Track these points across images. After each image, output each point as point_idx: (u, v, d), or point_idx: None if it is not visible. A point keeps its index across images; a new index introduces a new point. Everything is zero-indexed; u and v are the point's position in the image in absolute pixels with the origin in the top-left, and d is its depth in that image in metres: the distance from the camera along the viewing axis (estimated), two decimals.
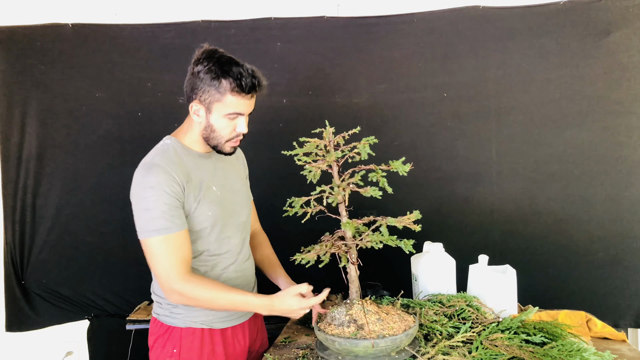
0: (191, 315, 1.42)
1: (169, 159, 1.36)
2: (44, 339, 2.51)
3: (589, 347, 1.22)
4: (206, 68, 1.33)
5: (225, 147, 1.43)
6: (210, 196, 1.41)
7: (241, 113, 1.38)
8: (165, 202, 1.30)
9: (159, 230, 1.29)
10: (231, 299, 1.34)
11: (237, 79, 1.31)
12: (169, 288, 1.32)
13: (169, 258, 1.30)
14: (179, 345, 1.42)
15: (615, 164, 2.24)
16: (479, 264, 1.70)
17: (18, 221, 2.39)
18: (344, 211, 1.34)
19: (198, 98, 1.36)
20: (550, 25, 2.26)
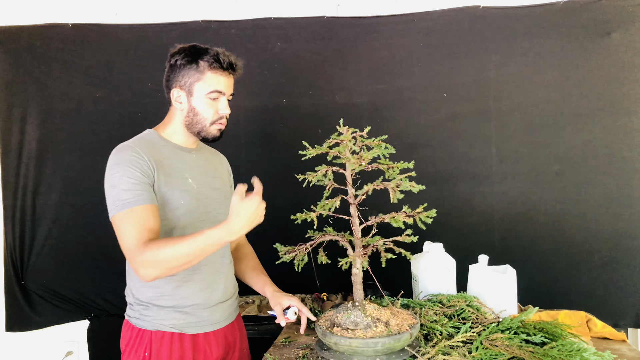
0: (160, 318, 1.39)
1: (140, 142, 1.39)
2: (44, 339, 2.51)
3: (589, 347, 1.22)
4: (182, 54, 1.39)
5: (211, 130, 1.43)
6: (184, 185, 1.40)
7: (221, 91, 1.41)
8: (129, 176, 1.29)
9: (123, 205, 1.27)
10: (192, 242, 1.23)
11: (214, 57, 1.37)
12: (134, 262, 1.24)
13: (132, 230, 1.25)
14: (150, 348, 1.38)
15: (615, 164, 2.24)
16: (479, 264, 1.70)
17: (18, 221, 2.39)
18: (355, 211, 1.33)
19: (178, 85, 1.40)
20: (550, 25, 2.26)
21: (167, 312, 1.40)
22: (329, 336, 1.25)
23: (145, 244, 1.24)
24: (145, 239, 1.25)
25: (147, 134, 1.45)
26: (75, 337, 2.51)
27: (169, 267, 1.24)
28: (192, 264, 1.27)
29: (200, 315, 1.43)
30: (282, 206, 2.40)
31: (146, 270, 1.24)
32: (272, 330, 1.80)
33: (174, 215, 1.37)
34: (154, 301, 1.41)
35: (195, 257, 1.25)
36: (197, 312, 1.43)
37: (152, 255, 1.23)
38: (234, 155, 2.40)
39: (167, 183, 1.36)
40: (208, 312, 1.45)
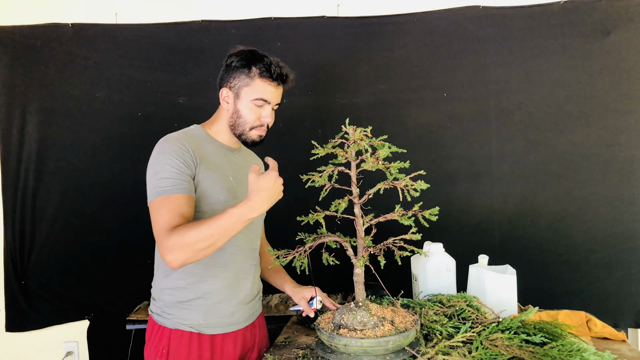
0: (180, 317, 1.41)
1: (187, 135, 1.42)
2: (44, 339, 2.51)
3: (589, 347, 1.22)
4: (239, 57, 1.44)
5: (251, 134, 1.47)
6: (225, 182, 1.43)
7: (267, 100, 1.44)
8: (172, 165, 1.32)
9: (161, 191, 1.29)
10: (216, 222, 1.23)
11: (266, 65, 1.42)
12: (162, 247, 1.24)
13: (164, 216, 1.26)
14: (168, 346, 1.40)
15: (615, 164, 2.24)
16: (479, 264, 1.70)
17: (18, 221, 2.39)
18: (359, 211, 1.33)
19: (228, 85, 1.45)
20: (551, 25, 2.26)
21: (188, 312, 1.41)
22: (338, 338, 1.23)
23: (173, 229, 1.24)
24: (175, 224, 1.25)
25: (193, 128, 1.48)
26: (75, 337, 2.51)
27: (195, 249, 1.23)
28: (218, 245, 1.26)
29: (221, 316, 1.44)
30: (282, 206, 2.41)
31: (173, 255, 1.23)
32: (272, 330, 1.80)
33: (212, 209, 1.38)
34: (177, 293, 1.42)
35: (220, 237, 1.24)
36: (218, 312, 1.43)
37: (177, 238, 1.22)
38: None
39: (209, 177, 1.38)
40: (229, 312, 1.45)
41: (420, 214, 1.29)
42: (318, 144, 1.34)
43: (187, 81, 2.40)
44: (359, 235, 1.34)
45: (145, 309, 2.27)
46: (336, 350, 1.27)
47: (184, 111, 2.40)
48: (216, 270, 1.43)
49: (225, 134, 1.50)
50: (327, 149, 1.32)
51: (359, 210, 1.33)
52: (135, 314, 2.22)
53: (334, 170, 1.31)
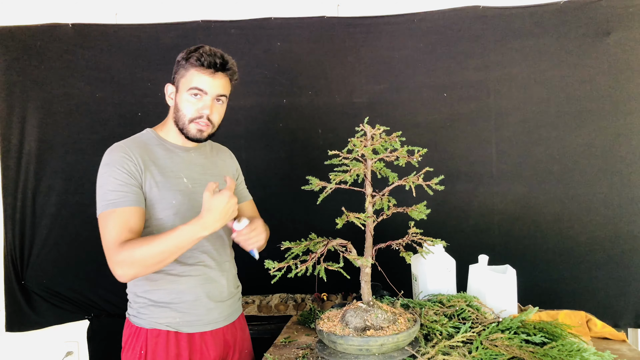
0: (156, 317, 1.40)
1: (132, 142, 1.41)
2: (44, 339, 2.51)
3: (589, 347, 1.22)
4: (184, 53, 1.42)
5: (190, 128, 1.41)
6: (177, 185, 1.40)
7: (202, 89, 1.39)
8: (116, 177, 1.31)
9: (107, 205, 1.30)
10: (167, 239, 1.25)
11: (198, 54, 1.38)
12: (111, 262, 1.26)
13: (112, 230, 1.27)
14: (146, 346, 1.39)
15: (615, 164, 2.24)
16: (479, 264, 1.70)
17: (18, 221, 2.39)
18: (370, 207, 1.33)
19: (172, 81, 1.45)
20: (550, 25, 2.26)
21: (163, 311, 1.40)
22: (374, 340, 1.21)
23: (122, 244, 1.26)
24: (123, 239, 1.27)
25: (144, 133, 1.47)
26: (75, 337, 2.51)
27: (144, 265, 1.26)
28: (168, 261, 1.28)
29: (197, 314, 1.42)
30: (282, 206, 2.42)
31: (122, 270, 1.25)
32: (272, 330, 1.80)
33: (166, 214, 1.37)
34: (151, 295, 1.41)
35: (171, 253, 1.26)
36: (193, 310, 1.42)
37: (127, 254, 1.24)
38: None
39: (158, 183, 1.37)
40: (205, 310, 1.44)
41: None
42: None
43: None
44: (368, 234, 1.33)
45: None
46: (369, 353, 1.23)
47: None
48: (188, 269, 1.41)
49: (176, 134, 1.46)
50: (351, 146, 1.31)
51: (371, 208, 1.33)
52: None
53: (359, 169, 1.31)
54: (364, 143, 1.32)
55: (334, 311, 1.42)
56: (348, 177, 1.30)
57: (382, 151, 1.32)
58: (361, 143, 1.32)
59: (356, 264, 1.31)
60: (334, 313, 1.40)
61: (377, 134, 1.33)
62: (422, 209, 1.31)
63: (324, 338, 1.28)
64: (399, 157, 1.32)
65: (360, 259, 1.31)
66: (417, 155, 1.32)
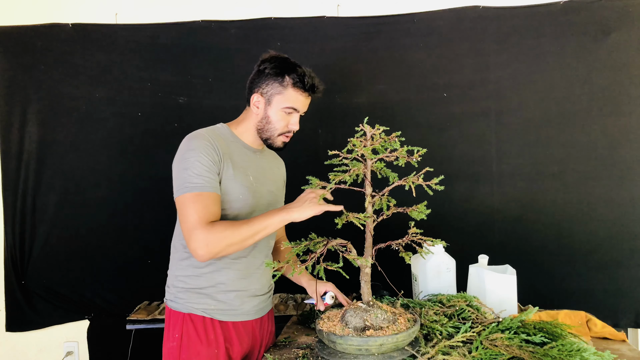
0: (193, 302, 1.43)
1: (213, 133, 1.46)
2: (44, 339, 2.51)
3: (589, 347, 1.22)
4: (272, 65, 1.46)
5: (277, 140, 1.51)
6: (245, 181, 1.46)
7: (297, 109, 1.49)
8: (202, 162, 1.36)
9: (192, 187, 1.34)
10: (252, 220, 1.34)
11: (300, 76, 1.45)
12: (195, 241, 1.31)
13: (199, 212, 1.32)
14: (181, 330, 1.43)
15: (615, 164, 2.24)
16: (479, 264, 1.70)
17: (18, 221, 2.39)
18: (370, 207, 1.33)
19: (260, 91, 1.48)
20: (550, 25, 2.26)
21: (200, 297, 1.44)
22: (373, 340, 1.21)
23: (210, 224, 1.32)
24: (209, 220, 1.33)
25: (219, 127, 1.52)
26: (75, 337, 2.51)
27: (227, 246, 1.32)
28: (250, 242, 1.35)
29: (232, 304, 1.46)
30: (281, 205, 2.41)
31: (207, 248, 1.31)
32: None
33: (231, 206, 1.43)
34: (192, 281, 1.45)
35: (255, 233, 1.34)
36: (230, 300, 1.46)
37: (215, 233, 1.31)
38: None
39: (231, 175, 1.42)
40: (240, 302, 1.47)
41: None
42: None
43: (187, 81, 2.40)
44: (368, 234, 1.33)
45: (145, 309, 2.27)
46: (368, 353, 1.23)
47: (184, 111, 2.40)
48: (230, 262, 1.46)
49: (250, 136, 1.53)
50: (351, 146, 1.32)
51: (370, 208, 1.33)
52: (135, 314, 2.22)
53: (359, 169, 1.31)
54: (363, 143, 1.32)
55: (334, 311, 1.43)
56: (347, 177, 1.31)
57: (382, 151, 1.32)
58: (361, 143, 1.32)
59: (356, 264, 1.31)
60: (334, 313, 1.40)
61: (377, 134, 1.33)
62: (422, 209, 1.32)
63: (324, 338, 1.28)
64: (398, 157, 1.32)
65: (360, 259, 1.31)
66: (416, 155, 1.33)
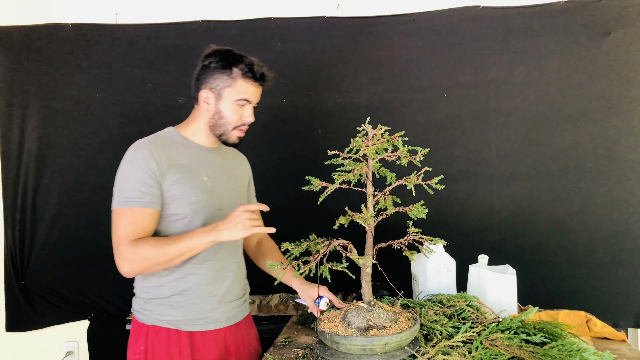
0: (158, 314, 1.41)
1: (156, 141, 1.43)
2: (44, 339, 2.51)
3: (589, 347, 1.22)
4: (218, 58, 1.43)
5: (232, 135, 1.48)
6: (198, 183, 1.43)
7: (249, 100, 1.46)
8: (137, 176, 1.34)
9: (124, 202, 1.33)
10: (178, 240, 1.31)
11: (248, 66, 1.42)
12: (119, 257, 1.31)
13: (126, 227, 1.31)
14: (146, 342, 1.40)
15: (615, 164, 2.24)
16: (479, 264, 1.70)
17: (18, 221, 2.39)
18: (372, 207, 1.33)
19: (208, 86, 1.44)
20: (550, 25, 2.26)
21: (165, 308, 1.41)
22: (378, 339, 1.21)
23: (134, 241, 1.30)
24: (135, 237, 1.31)
25: (168, 131, 1.50)
26: (75, 337, 2.51)
27: (154, 263, 1.31)
28: (177, 262, 1.34)
29: (199, 312, 1.43)
30: (282, 206, 2.41)
31: (130, 267, 1.31)
32: (272, 330, 1.80)
33: (186, 210, 1.40)
34: (156, 290, 1.42)
35: (181, 254, 1.32)
36: (197, 309, 1.43)
37: (138, 252, 1.30)
38: None
39: (178, 180, 1.39)
40: (208, 309, 1.44)
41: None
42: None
43: (187, 81, 2.37)
44: (369, 234, 1.33)
45: None
46: (372, 352, 1.23)
47: (184, 111, 2.38)
48: (194, 267, 1.43)
49: (202, 135, 1.50)
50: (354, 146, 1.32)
51: (372, 207, 1.33)
52: None
53: (360, 169, 1.31)
54: (366, 143, 1.32)
55: (333, 312, 1.42)
56: (352, 176, 1.31)
57: (382, 152, 1.32)
58: (364, 143, 1.32)
59: (358, 263, 1.32)
60: (334, 314, 1.40)
61: (379, 134, 1.33)
62: (419, 208, 1.31)
63: (326, 339, 1.28)
64: (400, 157, 1.33)
65: (362, 258, 1.31)
66: (419, 155, 1.33)
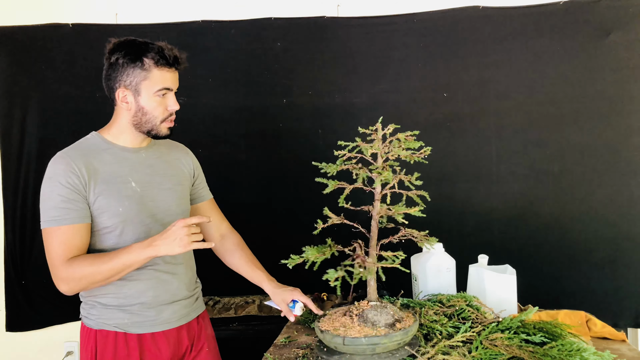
0: (105, 317, 1.38)
1: (76, 152, 1.37)
2: (44, 339, 2.51)
3: (589, 347, 1.22)
4: (124, 52, 1.33)
5: (161, 128, 1.40)
6: (126, 191, 1.36)
7: (169, 88, 1.38)
8: (59, 193, 1.30)
9: (50, 221, 1.29)
10: (116, 257, 1.27)
11: (159, 53, 1.33)
12: (56, 277, 1.29)
13: (56, 248, 1.28)
14: (94, 347, 1.38)
15: (615, 164, 2.24)
16: (479, 264, 1.70)
17: (18, 221, 2.39)
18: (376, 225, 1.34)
19: (122, 84, 1.36)
20: (551, 25, 2.26)
21: (111, 312, 1.38)
22: (391, 336, 1.21)
23: (68, 261, 1.28)
24: (68, 256, 1.28)
25: (89, 138, 1.44)
26: (75, 337, 2.51)
27: (92, 281, 1.29)
28: (116, 278, 1.31)
29: (146, 315, 1.40)
30: (282, 206, 2.42)
31: (68, 286, 1.29)
32: (272, 330, 1.80)
33: (113, 222, 1.35)
34: (99, 299, 1.40)
35: (118, 271, 1.29)
36: (142, 312, 1.39)
37: (73, 271, 1.27)
38: (233, 156, 2.41)
39: (103, 192, 1.34)
40: (155, 311, 1.41)
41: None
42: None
43: (187, 81, 2.39)
44: (373, 234, 1.33)
45: None
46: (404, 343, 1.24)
47: (184, 111, 2.39)
48: (136, 273, 1.38)
49: (128, 136, 1.42)
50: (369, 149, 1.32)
51: (378, 207, 1.33)
52: None
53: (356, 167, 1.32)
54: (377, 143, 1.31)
55: (333, 314, 1.40)
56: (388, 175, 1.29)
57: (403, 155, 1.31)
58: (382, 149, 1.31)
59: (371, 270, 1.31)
60: (335, 316, 1.37)
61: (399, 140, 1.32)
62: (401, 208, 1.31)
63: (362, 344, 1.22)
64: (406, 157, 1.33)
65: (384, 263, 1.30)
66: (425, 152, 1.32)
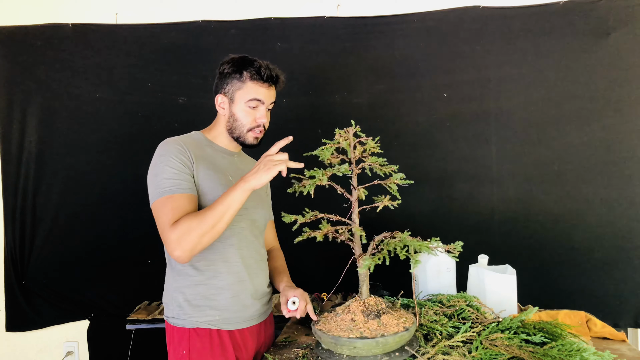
0: (197, 316, 1.42)
1: (185, 138, 1.48)
2: (44, 339, 2.51)
3: (589, 347, 1.22)
4: (230, 64, 1.49)
5: (248, 136, 1.52)
6: (225, 181, 1.46)
7: (260, 100, 1.49)
8: (170, 166, 1.37)
9: (163, 192, 1.34)
10: (214, 203, 1.32)
11: (256, 68, 1.47)
12: (168, 244, 1.30)
13: (167, 214, 1.31)
14: (188, 346, 1.41)
15: (615, 164, 2.24)
16: (479, 264, 1.70)
17: (18, 221, 2.39)
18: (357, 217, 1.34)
19: (222, 92, 1.50)
20: (550, 25, 2.26)
21: (202, 309, 1.43)
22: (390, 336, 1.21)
23: (176, 222, 1.30)
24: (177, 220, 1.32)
25: (192, 134, 1.54)
26: (75, 337, 2.51)
27: (200, 233, 1.29)
28: (221, 226, 1.32)
29: (235, 311, 1.45)
30: (282, 206, 2.41)
31: (180, 247, 1.29)
32: None
33: None
34: (190, 291, 1.43)
35: (222, 214, 1.30)
36: (232, 307, 1.45)
37: (181, 228, 1.28)
38: None
39: (208, 176, 1.42)
40: (242, 307, 1.47)
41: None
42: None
43: (187, 81, 2.40)
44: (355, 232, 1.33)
45: (145, 309, 2.27)
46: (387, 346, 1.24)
47: (184, 111, 2.40)
48: (227, 266, 1.45)
49: (224, 139, 1.55)
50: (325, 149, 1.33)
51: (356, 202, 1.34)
52: (135, 314, 2.22)
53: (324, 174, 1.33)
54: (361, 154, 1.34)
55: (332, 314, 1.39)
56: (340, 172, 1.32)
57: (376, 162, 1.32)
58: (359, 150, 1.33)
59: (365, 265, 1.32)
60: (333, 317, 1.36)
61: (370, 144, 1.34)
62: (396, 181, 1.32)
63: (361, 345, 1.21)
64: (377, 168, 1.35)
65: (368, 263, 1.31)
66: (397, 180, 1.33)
